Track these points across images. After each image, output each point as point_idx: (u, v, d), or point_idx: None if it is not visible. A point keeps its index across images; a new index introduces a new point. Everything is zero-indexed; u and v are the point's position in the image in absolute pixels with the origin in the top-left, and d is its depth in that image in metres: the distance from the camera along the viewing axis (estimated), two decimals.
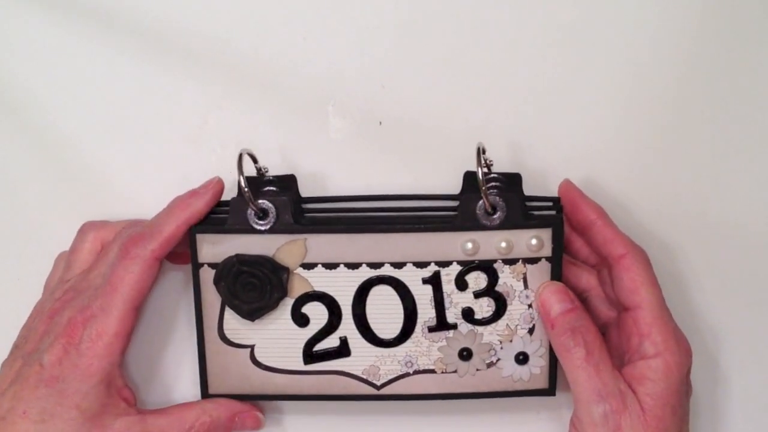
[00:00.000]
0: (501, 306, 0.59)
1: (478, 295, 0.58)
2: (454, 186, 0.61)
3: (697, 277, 0.64)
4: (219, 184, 0.58)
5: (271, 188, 0.58)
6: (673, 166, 0.62)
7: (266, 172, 0.59)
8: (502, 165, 0.60)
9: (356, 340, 0.59)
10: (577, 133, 0.62)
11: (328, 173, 0.63)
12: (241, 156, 0.57)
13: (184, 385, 0.64)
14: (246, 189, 0.56)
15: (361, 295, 0.58)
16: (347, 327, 0.59)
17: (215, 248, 0.58)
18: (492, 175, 0.58)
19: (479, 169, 0.56)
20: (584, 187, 0.60)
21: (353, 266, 0.58)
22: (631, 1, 0.60)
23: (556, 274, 0.58)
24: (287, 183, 0.59)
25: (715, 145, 0.62)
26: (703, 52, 0.61)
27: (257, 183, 0.59)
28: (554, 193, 0.60)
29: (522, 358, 0.60)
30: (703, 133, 0.62)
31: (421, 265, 0.58)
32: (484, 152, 0.57)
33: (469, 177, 0.59)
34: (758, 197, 0.63)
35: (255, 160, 0.59)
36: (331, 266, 0.58)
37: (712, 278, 0.64)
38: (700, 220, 0.63)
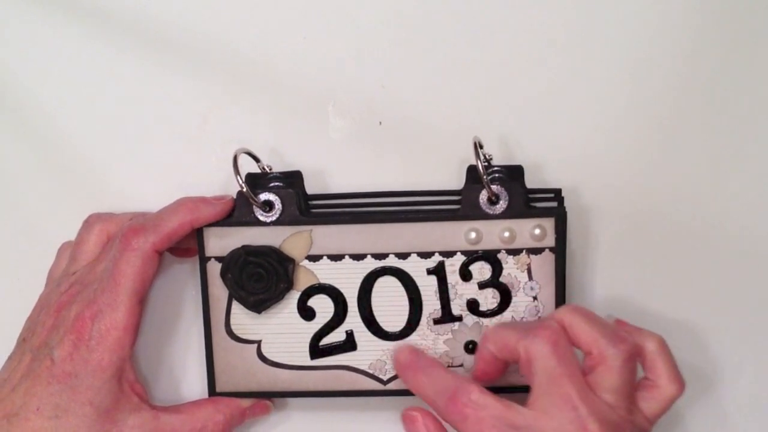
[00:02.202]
0: (506, 297, 0.64)
1: (482, 285, 0.63)
2: (454, 185, 0.66)
3: (697, 277, 0.67)
4: (230, 203, 0.64)
5: (278, 184, 0.64)
6: (672, 165, 0.65)
7: (270, 169, 0.64)
8: (499, 161, 0.65)
9: (362, 334, 0.64)
10: (577, 132, 0.66)
11: (328, 173, 0.67)
12: (236, 156, 0.62)
13: (191, 379, 0.69)
14: (244, 185, 0.61)
15: (367, 286, 0.64)
16: (353, 320, 0.64)
17: (222, 241, 0.63)
18: (494, 168, 0.63)
19: (478, 160, 0.61)
20: (583, 186, 0.66)
21: (358, 257, 0.63)
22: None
23: (561, 265, 0.63)
24: (293, 178, 0.64)
25: (715, 143, 0.65)
26: (703, 52, 0.64)
27: (263, 179, 0.64)
28: None
29: None
30: (703, 132, 0.65)
31: (425, 255, 0.63)
32: (481, 147, 0.62)
33: (472, 171, 0.64)
34: (758, 197, 0.67)
35: (257, 159, 0.64)
36: (336, 258, 0.63)
37: (711, 279, 0.67)
38: (700, 219, 0.66)
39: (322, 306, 0.64)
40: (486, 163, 0.63)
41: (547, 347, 0.56)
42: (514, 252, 0.63)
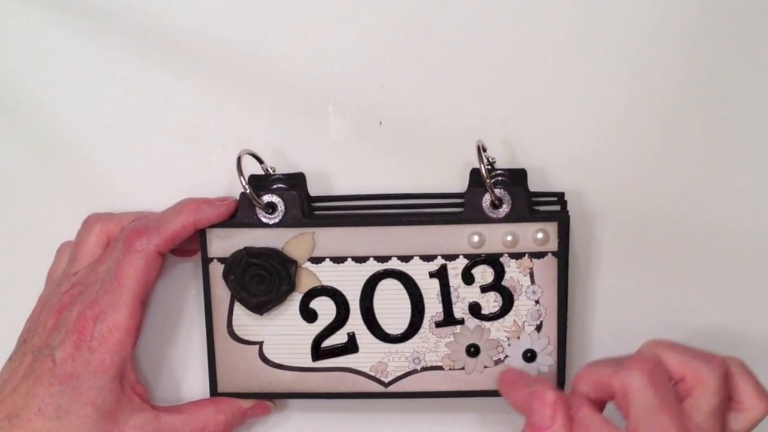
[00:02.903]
0: (508, 301, 0.65)
1: (484, 289, 0.65)
2: (454, 186, 0.67)
3: (701, 282, 0.68)
4: (233, 204, 0.65)
5: (281, 185, 0.65)
6: (676, 168, 0.66)
7: (274, 171, 0.65)
8: (502, 164, 0.66)
9: (364, 336, 0.65)
10: (578, 133, 0.67)
11: (328, 173, 0.68)
12: (239, 157, 0.62)
13: (193, 379, 0.70)
14: (247, 187, 0.62)
15: (369, 289, 0.65)
16: (355, 322, 0.65)
17: (225, 243, 0.64)
18: (497, 171, 0.65)
19: (481, 163, 0.62)
20: (584, 186, 0.67)
21: (361, 260, 0.64)
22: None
23: (563, 270, 0.64)
24: (296, 180, 0.65)
25: (715, 144, 0.67)
26: (703, 52, 0.65)
27: (266, 181, 0.65)
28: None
29: (530, 356, 0.66)
30: (703, 133, 0.66)
31: (427, 258, 0.64)
32: (485, 150, 0.63)
33: (475, 174, 0.65)
34: (759, 197, 0.68)
35: (260, 161, 0.65)
36: (338, 260, 0.64)
37: (711, 279, 0.68)
38: (705, 223, 0.67)
39: (324, 308, 0.65)
40: (489, 167, 0.64)
41: (645, 378, 0.56)
42: (516, 256, 0.64)
